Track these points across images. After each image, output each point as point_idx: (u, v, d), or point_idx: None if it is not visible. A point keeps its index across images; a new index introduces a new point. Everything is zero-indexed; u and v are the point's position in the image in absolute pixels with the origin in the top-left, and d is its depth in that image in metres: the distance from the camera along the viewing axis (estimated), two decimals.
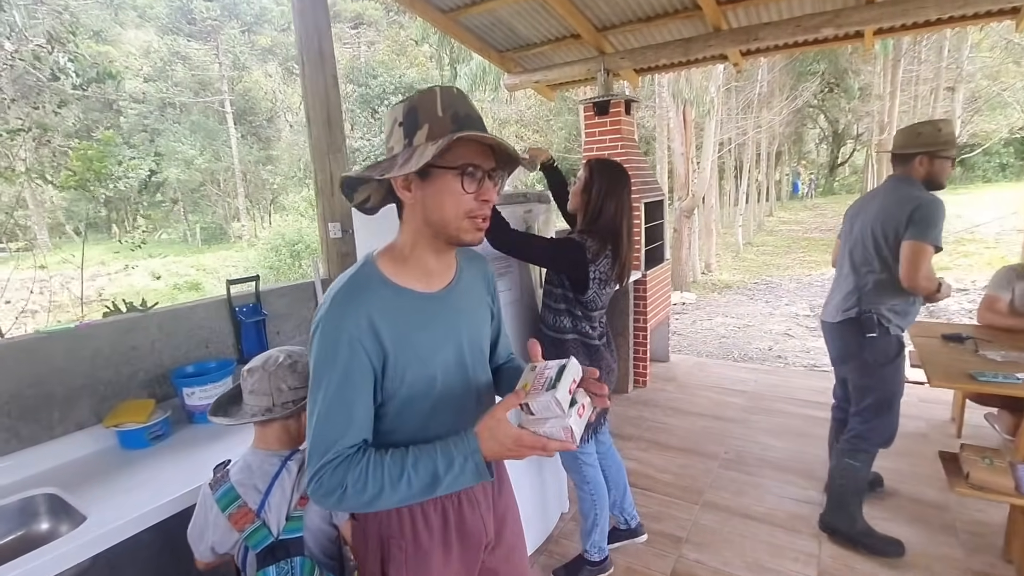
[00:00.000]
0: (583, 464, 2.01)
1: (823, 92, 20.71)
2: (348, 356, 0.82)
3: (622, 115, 3.84)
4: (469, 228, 0.88)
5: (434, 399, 0.92)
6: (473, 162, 0.84)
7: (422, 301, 0.91)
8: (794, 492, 2.58)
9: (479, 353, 1.01)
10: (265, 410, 1.09)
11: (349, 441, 0.83)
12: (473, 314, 1.01)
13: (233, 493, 1.04)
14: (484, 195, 0.87)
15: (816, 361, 5.21)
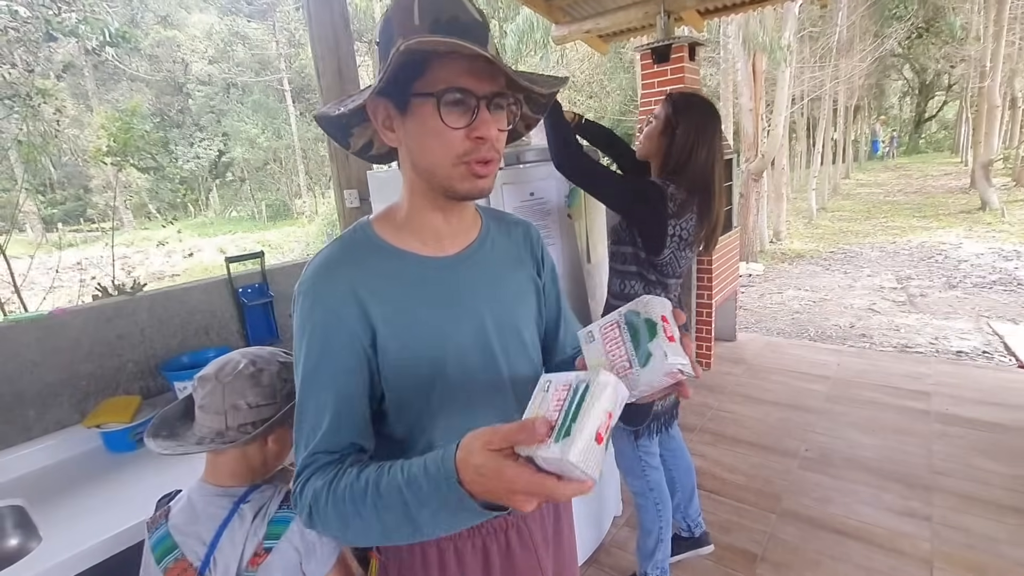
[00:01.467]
0: (646, 467, 1.68)
1: (911, 38, 18.57)
2: (327, 334, 0.66)
3: (685, 61, 3.36)
4: (465, 177, 0.66)
5: (445, 394, 0.70)
6: (457, 85, 0.61)
7: (429, 267, 0.72)
8: (894, 502, 2.17)
9: (514, 339, 0.78)
10: (216, 434, 0.84)
11: (327, 442, 0.64)
12: (503, 287, 0.78)
13: (169, 541, 0.80)
14: (478, 130, 0.63)
15: (908, 340, 4.58)
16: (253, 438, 0.84)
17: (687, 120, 1.44)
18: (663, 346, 0.55)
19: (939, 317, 5.22)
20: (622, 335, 0.59)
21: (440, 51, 0.58)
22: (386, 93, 0.64)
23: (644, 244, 1.47)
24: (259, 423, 0.84)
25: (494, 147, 0.65)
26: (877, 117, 27.68)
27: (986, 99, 11.77)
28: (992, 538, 1.94)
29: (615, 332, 0.59)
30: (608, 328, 0.61)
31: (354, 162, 1.86)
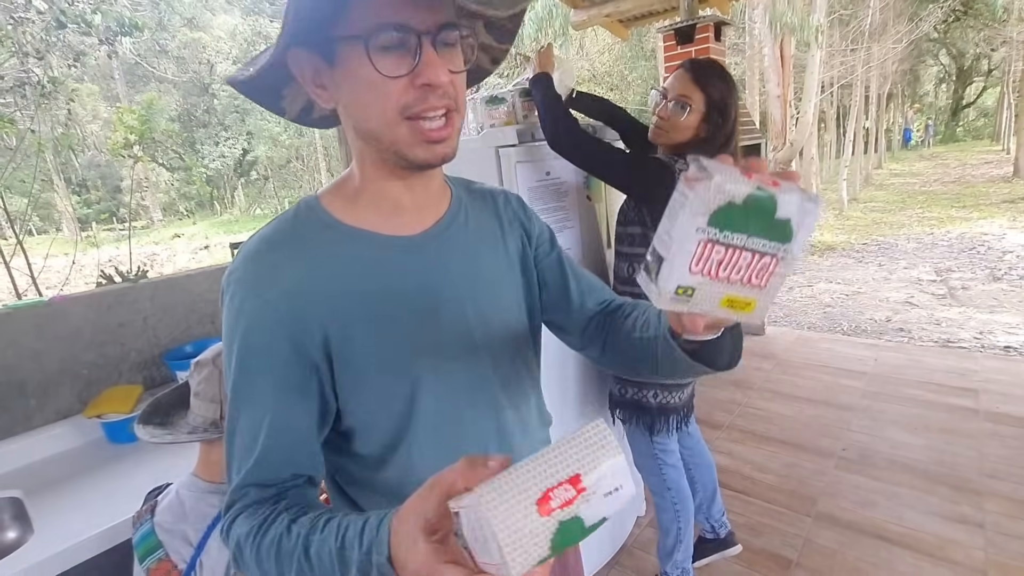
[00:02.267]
0: (663, 465, 1.58)
1: (947, 21, 17.80)
2: (259, 340, 0.53)
3: (710, 42, 3.21)
4: (414, 139, 0.52)
5: (423, 403, 0.58)
6: (389, 20, 0.48)
7: (391, 249, 0.59)
8: (942, 507, 2.02)
9: (500, 328, 0.65)
10: (210, 423, 0.77)
11: (259, 472, 0.53)
12: (482, 267, 0.65)
13: (153, 540, 0.74)
14: (423, 76, 0.50)
15: (950, 335, 4.34)
16: None
17: (720, 98, 1.30)
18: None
19: (983, 311, 4.95)
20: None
21: None
22: (305, 42, 0.50)
23: (654, 224, 1.35)
24: None
25: (448, 94, 0.52)
26: (911, 105, 26.71)
27: None
28: None
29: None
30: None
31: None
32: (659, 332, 0.57)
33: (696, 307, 0.41)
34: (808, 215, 0.39)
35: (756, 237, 0.39)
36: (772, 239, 0.39)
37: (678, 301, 0.41)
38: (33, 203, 3.60)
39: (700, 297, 0.41)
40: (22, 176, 4.17)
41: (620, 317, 0.68)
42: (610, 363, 0.71)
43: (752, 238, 0.39)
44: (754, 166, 0.38)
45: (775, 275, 0.41)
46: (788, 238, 0.39)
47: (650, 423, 1.53)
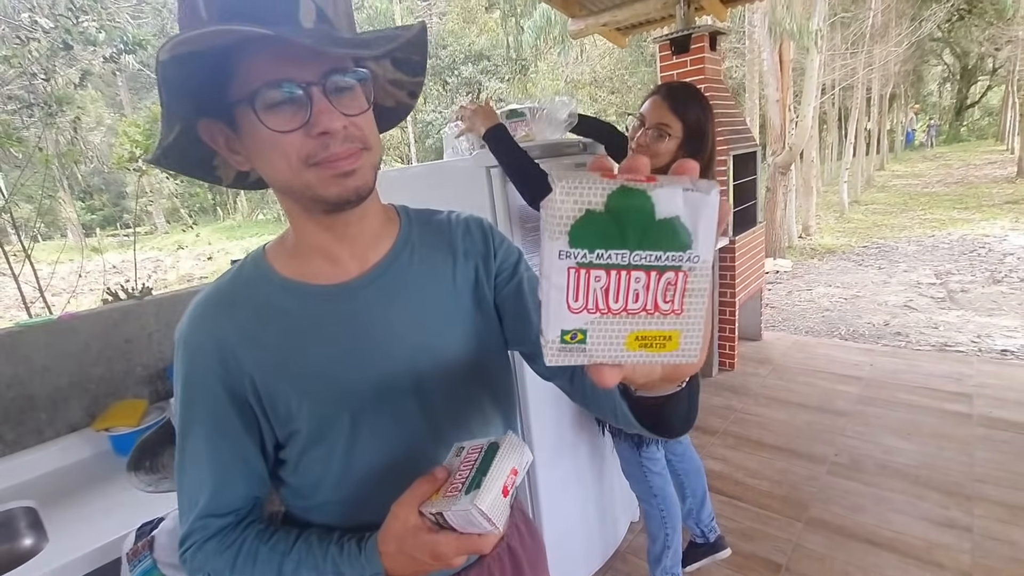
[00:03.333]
0: (648, 472, 1.63)
1: (951, 21, 17.78)
2: (196, 388, 0.60)
3: (706, 51, 3.26)
4: (323, 180, 0.53)
5: (341, 445, 0.61)
6: (270, 79, 0.49)
7: (320, 298, 0.62)
8: (932, 511, 2.05)
9: (444, 368, 0.65)
10: None
11: (213, 505, 0.60)
12: (426, 306, 0.65)
13: (156, 573, 0.79)
14: (318, 126, 0.51)
15: (948, 339, 4.36)
16: None
17: (697, 123, 1.34)
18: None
19: (982, 314, 4.96)
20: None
21: (229, 43, 0.46)
22: (209, 112, 0.53)
23: None
24: None
25: (352, 136, 0.53)
26: (913, 105, 26.64)
27: None
28: None
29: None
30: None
31: None
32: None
33: (597, 356, 0.33)
34: (702, 207, 0.30)
35: (641, 249, 0.30)
36: (664, 247, 0.30)
37: (571, 352, 0.33)
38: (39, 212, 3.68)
39: (596, 341, 0.32)
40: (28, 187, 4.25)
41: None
42: (579, 397, 0.66)
43: (636, 252, 0.30)
44: (626, 166, 0.31)
45: (690, 292, 0.32)
46: (686, 242, 0.30)
47: (637, 437, 1.58)
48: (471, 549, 0.50)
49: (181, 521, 0.61)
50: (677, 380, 0.42)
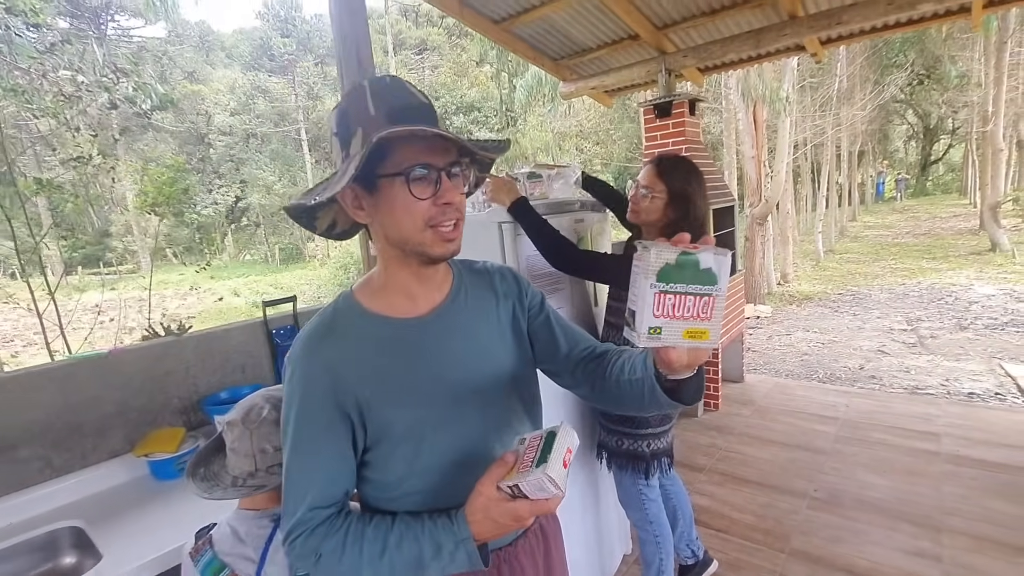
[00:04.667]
0: (646, 500, 1.77)
1: (911, 85, 19.05)
2: (310, 405, 0.74)
3: (686, 116, 3.57)
4: (435, 241, 0.74)
5: (426, 445, 0.77)
6: (420, 161, 0.69)
7: (403, 328, 0.80)
8: (904, 542, 2.19)
9: (492, 386, 0.83)
10: (248, 475, 0.94)
11: (320, 498, 0.73)
12: (477, 337, 0.84)
13: (217, 563, 0.91)
14: (444, 198, 0.72)
15: (919, 382, 4.59)
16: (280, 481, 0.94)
17: (681, 189, 1.56)
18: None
19: (950, 359, 5.23)
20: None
21: (403, 136, 0.66)
22: (354, 178, 0.69)
23: None
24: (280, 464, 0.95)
25: (459, 208, 0.73)
26: (883, 160, 28.06)
27: (990, 143, 11.99)
28: None
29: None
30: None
31: None
32: (646, 374, 0.74)
33: (665, 341, 0.59)
34: (723, 263, 0.58)
35: (692, 284, 0.57)
36: (703, 284, 0.58)
37: (652, 339, 0.59)
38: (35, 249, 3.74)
39: (666, 333, 0.59)
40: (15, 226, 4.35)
41: (607, 362, 0.85)
42: (599, 399, 0.86)
43: (689, 285, 0.57)
44: (678, 239, 0.58)
45: (715, 308, 0.59)
46: (715, 281, 0.58)
47: (645, 468, 1.72)
48: (542, 510, 0.65)
49: (287, 515, 0.73)
50: (694, 366, 0.66)
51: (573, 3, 3.50)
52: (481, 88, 23.65)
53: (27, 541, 1.23)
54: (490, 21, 3.87)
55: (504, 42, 4.19)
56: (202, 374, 1.63)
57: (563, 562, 0.98)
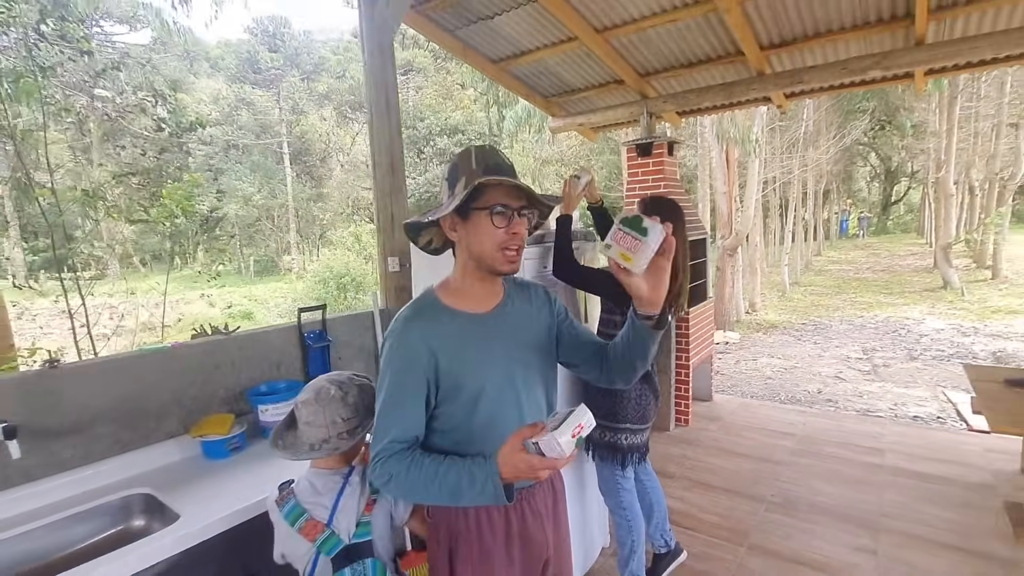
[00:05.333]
0: (621, 489, 2.04)
1: (874, 130, 20.27)
2: (403, 367, 1.02)
3: (665, 156, 3.95)
4: (503, 259, 1.04)
5: (478, 403, 1.05)
6: (501, 202, 1.01)
7: (473, 321, 1.09)
8: (848, 540, 2.50)
9: (529, 372, 1.12)
10: (322, 441, 1.18)
11: (400, 435, 1.00)
12: (521, 334, 1.13)
13: (299, 509, 1.15)
14: (513, 229, 1.03)
15: (870, 406, 4.99)
16: (350, 444, 1.19)
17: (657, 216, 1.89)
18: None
19: (900, 385, 5.67)
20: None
21: (494, 183, 0.99)
22: (456, 209, 1.01)
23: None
24: (351, 431, 1.20)
25: (521, 240, 1.04)
26: (848, 199, 29.51)
27: (942, 189, 12.90)
28: (929, 571, 2.27)
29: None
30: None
31: (399, 236, 2.30)
32: (630, 325, 1.02)
33: (611, 254, 0.92)
34: (655, 228, 0.90)
35: (632, 231, 0.90)
36: (639, 233, 0.90)
37: (606, 249, 0.93)
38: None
39: (612, 251, 0.92)
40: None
41: (608, 348, 1.14)
42: (607, 377, 1.14)
43: (631, 231, 0.90)
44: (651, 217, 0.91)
45: (639, 250, 0.90)
46: (645, 235, 0.90)
47: (622, 459, 2.01)
48: (550, 466, 0.89)
49: (375, 444, 1.00)
50: (657, 305, 0.96)
51: (565, 49, 3.88)
52: (466, 111, 24.14)
53: (105, 504, 1.43)
54: (489, 61, 4.23)
55: (501, 79, 4.54)
56: (245, 369, 1.84)
57: (566, 513, 1.25)
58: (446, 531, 1.08)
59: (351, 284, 14.58)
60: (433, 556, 1.11)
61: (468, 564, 1.06)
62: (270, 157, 27.58)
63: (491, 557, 1.06)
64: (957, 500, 2.80)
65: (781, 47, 3.65)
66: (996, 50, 3.26)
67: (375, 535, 1.16)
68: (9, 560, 1.28)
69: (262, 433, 1.78)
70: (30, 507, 1.38)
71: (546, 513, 1.16)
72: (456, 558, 1.06)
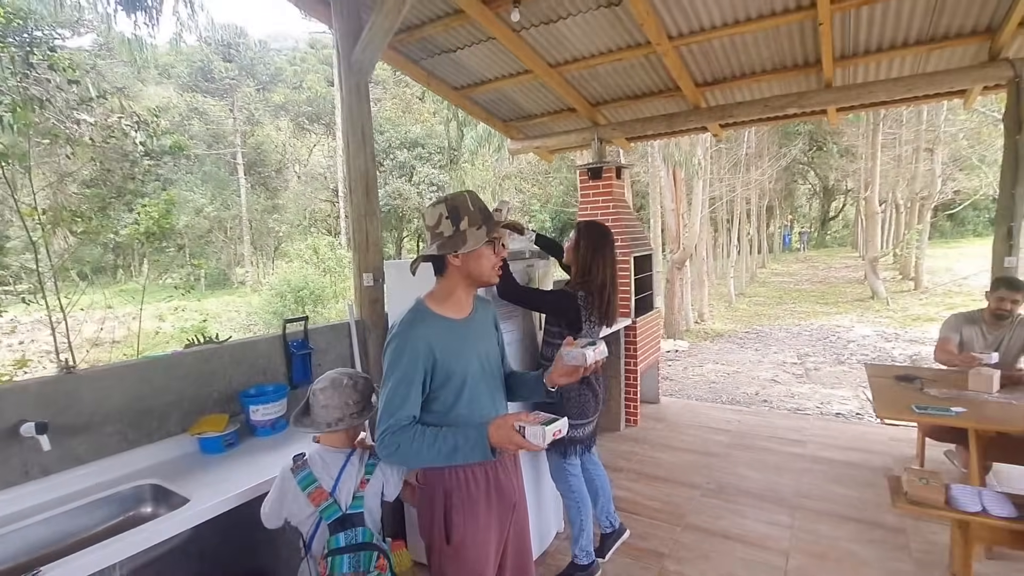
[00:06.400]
0: (569, 475, 2.35)
1: (812, 150, 21.76)
2: (407, 361, 1.31)
3: (613, 179, 4.34)
4: (494, 274, 1.42)
5: (463, 389, 1.36)
6: (495, 236, 1.35)
7: (456, 325, 1.40)
8: (768, 516, 2.88)
9: (494, 363, 1.48)
10: (338, 420, 1.45)
11: (404, 415, 1.29)
12: (486, 337, 1.49)
13: (311, 477, 1.39)
14: (501, 254, 1.42)
15: (799, 405, 5.51)
16: (357, 423, 1.46)
17: (587, 241, 2.25)
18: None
19: (827, 387, 6.25)
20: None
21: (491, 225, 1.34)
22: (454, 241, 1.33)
23: (568, 327, 2.23)
24: (359, 412, 1.47)
25: (503, 260, 1.38)
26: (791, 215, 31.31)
27: (869, 207, 14.02)
28: (833, 537, 2.67)
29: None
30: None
31: (372, 253, 2.55)
32: (534, 379, 1.45)
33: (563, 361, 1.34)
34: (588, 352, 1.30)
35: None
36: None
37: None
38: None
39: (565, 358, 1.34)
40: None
41: (513, 376, 1.54)
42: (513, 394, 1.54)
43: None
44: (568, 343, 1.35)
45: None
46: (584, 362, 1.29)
47: (563, 450, 2.31)
48: (524, 447, 1.18)
49: (383, 421, 1.27)
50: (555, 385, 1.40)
51: (522, 80, 4.24)
52: (425, 125, 24.34)
53: (118, 493, 1.61)
54: (451, 88, 4.54)
55: (462, 105, 4.86)
56: (236, 374, 2.04)
57: (521, 478, 1.55)
58: (440, 490, 1.38)
59: (309, 298, 14.41)
60: (428, 513, 1.40)
61: (460, 510, 1.37)
62: (223, 168, 26.89)
63: (476, 502, 1.38)
64: (861, 481, 3.24)
65: (714, 84, 4.12)
66: (889, 94, 3.82)
67: (366, 508, 1.42)
68: (37, 542, 1.45)
69: (252, 431, 1.99)
70: (52, 496, 1.56)
71: (512, 469, 1.49)
72: (451, 506, 1.36)
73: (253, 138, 27.35)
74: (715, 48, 3.68)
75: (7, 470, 1.51)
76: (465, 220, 1.32)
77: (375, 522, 1.45)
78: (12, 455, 1.52)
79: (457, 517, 1.37)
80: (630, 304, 4.18)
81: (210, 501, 1.50)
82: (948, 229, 26.15)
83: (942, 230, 25.73)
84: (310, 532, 1.39)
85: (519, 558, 1.55)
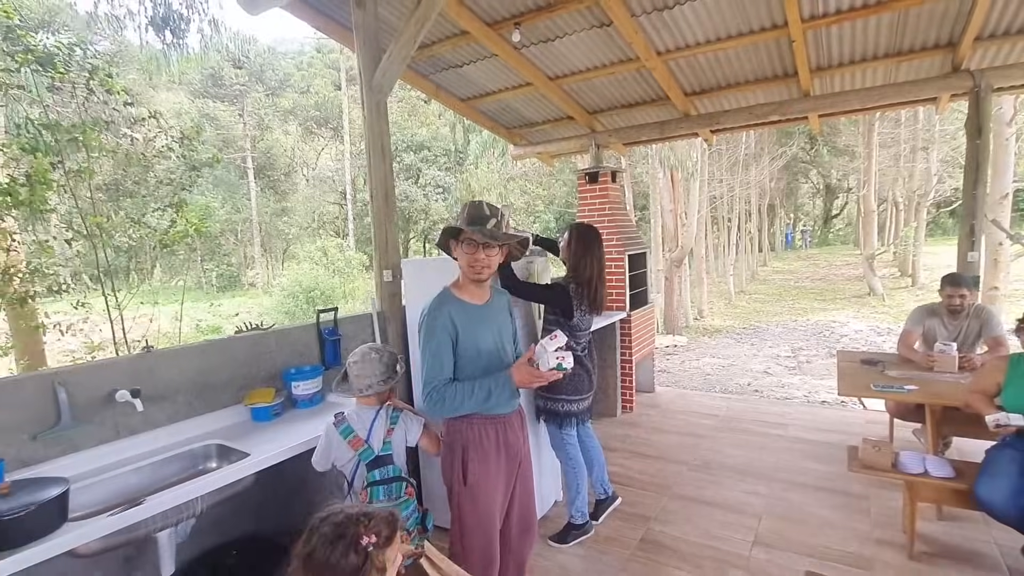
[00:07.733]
0: (567, 444, 2.68)
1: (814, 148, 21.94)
2: (440, 334, 1.65)
3: (609, 183, 4.67)
4: (472, 272, 1.71)
5: (480, 360, 1.70)
6: (468, 239, 1.64)
7: (474, 308, 1.72)
8: (744, 487, 3.20)
9: (508, 341, 1.82)
10: (367, 387, 1.79)
11: (443, 377, 1.63)
12: (501, 320, 1.81)
13: (350, 428, 1.74)
14: (476, 256, 1.66)
15: (788, 394, 5.81)
16: (384, 389, 1.80)
17: (577, 242, 2.57)
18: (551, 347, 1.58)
19: (816, 378, 6.55)
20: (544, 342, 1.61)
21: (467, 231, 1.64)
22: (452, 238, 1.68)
23: (562, 314, 2.56)
24: (386, 380, 1.80)
25: (481, 263, 1.65)
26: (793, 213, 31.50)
27: (865, 205, 14.27)
28: (803, 502, 2.99)
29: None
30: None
31: (391, 253, 2.89)
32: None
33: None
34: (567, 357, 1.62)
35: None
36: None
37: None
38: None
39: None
40: None
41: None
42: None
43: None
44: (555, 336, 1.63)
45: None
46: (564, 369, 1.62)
47: (560, 421, 2.65)
48: (541, 376, 1.57)
49: (428, 382, 1.63)
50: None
51: (524, 92, 4.58)
52: (431, 128, 24.69)
53: (189, 451, 1.97)
54: (458, 99, 4.88)
55: (468, 114, 5.21)
56: (279, 355, 2.39)
57: (527, 439, 1.89)
58: (460, 442, 1.73)
59: (320, 298, 14.80)
60: (449, 460, 1.75)
61: (475, 460, 1.71)
62: (233, 172, 27.38)
63: (488, 456, 1.72)
64: (835, 458, 3.55)
65: (702, 94, 4.45)
66: (863, 102, 4.13)
67: (394, 450, 1.76)
68: (131, 487, 1.80)
69: (293, 404, 2.34)
70: (139, 451, 1.91)
71: (519, 428, 1.83)
72: (468, 457, 1.71)
73: (263, 142, 27.83)
74: (700, 62, 4.01)
75: (104, 429, 1.86)
76: (461, 220, 1.66)
77: (402, 461, 1.80)
78: (107, 417, 1.87)
79: (472, 464, 1.71)
80: (625, 298, 4.51)
81: (266, 453, 1.85)
82: (950, 226, 26.26)
83: (944, 227, 25.87)
84: (352, 472, 1.74)
85: (524, 508, 1.90)
